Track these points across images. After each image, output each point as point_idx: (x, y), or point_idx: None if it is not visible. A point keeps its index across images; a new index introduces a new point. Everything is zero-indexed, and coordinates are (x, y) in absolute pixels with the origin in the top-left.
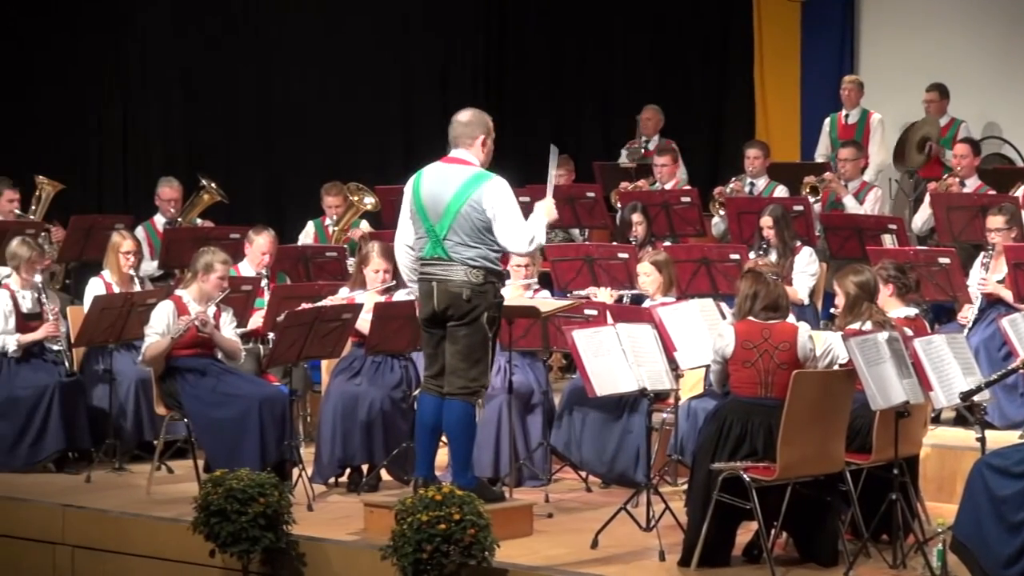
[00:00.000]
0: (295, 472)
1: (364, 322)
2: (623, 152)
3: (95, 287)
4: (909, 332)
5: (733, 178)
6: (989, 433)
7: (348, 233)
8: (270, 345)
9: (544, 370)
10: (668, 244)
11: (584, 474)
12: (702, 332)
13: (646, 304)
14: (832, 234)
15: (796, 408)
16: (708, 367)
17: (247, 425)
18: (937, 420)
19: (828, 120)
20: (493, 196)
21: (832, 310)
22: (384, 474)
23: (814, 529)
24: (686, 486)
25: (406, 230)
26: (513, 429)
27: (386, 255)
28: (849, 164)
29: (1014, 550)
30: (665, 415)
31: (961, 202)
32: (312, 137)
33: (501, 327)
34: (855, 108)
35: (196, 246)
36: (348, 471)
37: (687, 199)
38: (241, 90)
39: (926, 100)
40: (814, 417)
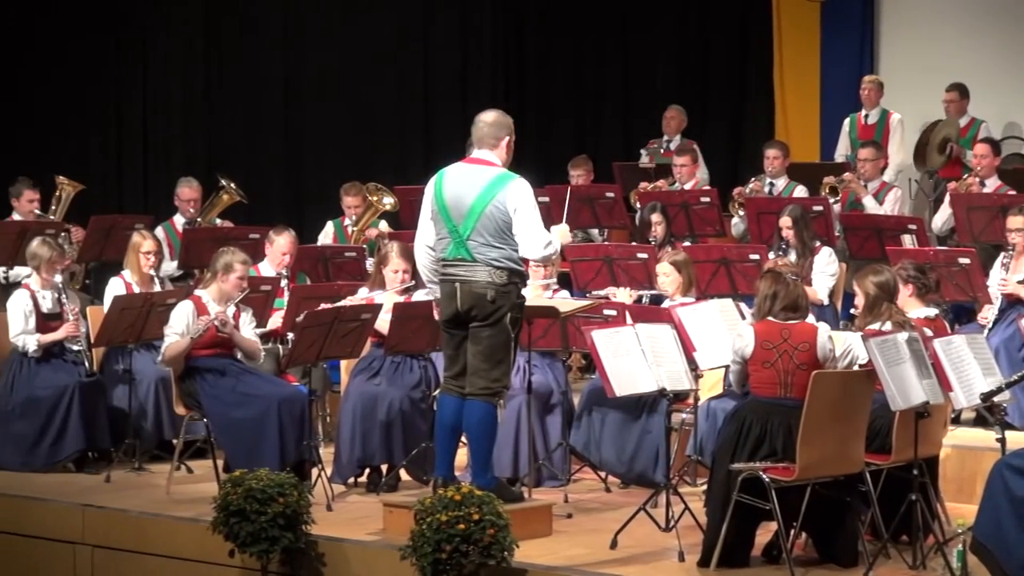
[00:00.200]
0: (314, 472)
1: (383, 322)
2: (643, 152)
3: (115, 287)
4: (929, 332)
5: (753, 178)
6: (1009, 434)
7: (366, 233)
8: (289, 345)
9: (563, 370)
10: (687, 244)
11: (603, 474)
12: (721, 332)
13: (665, 304)
14: (852, 234)
15: (816, 408)
16: (727, 367)
17: (266, 425)
18: (957, 421)
19: (848, 120)
20: (516, 196)
21: (852, 310)
22: (403, 474)
23: (834, 530)
24: (705, 486)
25: (427, 231)
26: (532, 429)
27: (405, 255)
28: (869, 164)
29: None
30: (684, 415)
31: (981, 202)
32: (331, 138)
33: (522, 328)
34: (875, 108)
35: (216, 246)
36: (367, 471)
37: (707, 199)
38: (261, 91)
39: (946, 100)
40: (834, 418)
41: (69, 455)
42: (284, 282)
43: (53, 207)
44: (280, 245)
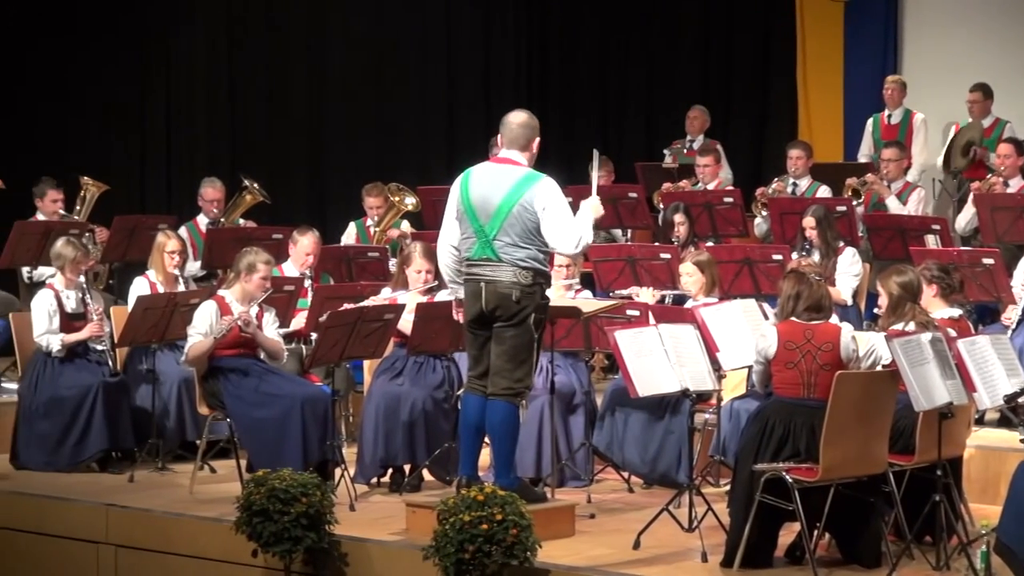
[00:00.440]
0: (337, 472)
1: (406, 322)
2: (666, 152)
3: (140, 287)
4: (953, 333)
5: (776, 178)
6: None
7: (388, 233)
8: (312, 345)
9: (586, 370)
10: (710, 244)
11: (626, 475)
12: (744, 333)
13: (688, 305)
14: (875, 235)
15: (839, 409)
16: (750, 368)
17: (289, 425)
18: (981, 421)
19: (871, 120)
20: (545, 196)
21: (875, 311)
22: (426, 474)
23: (857, 530)
24: (728, 487)
25: (451, 230)
26: (555, 429)
27: (428, 255)
28: (892, 164)
29: None
30: (707, 416)
31: (1005, 202)
32: (354, 138)
33: (545, 328)
34: (898, 108)
35: (239, 246)
36: (390, 471)
37: (730, 199)
38: (284, 91)
39: (969, 100)
40: (857, 418)
41: (92, 455)
42: (308, 282)
43: (77, 207)
44: (304, 245)
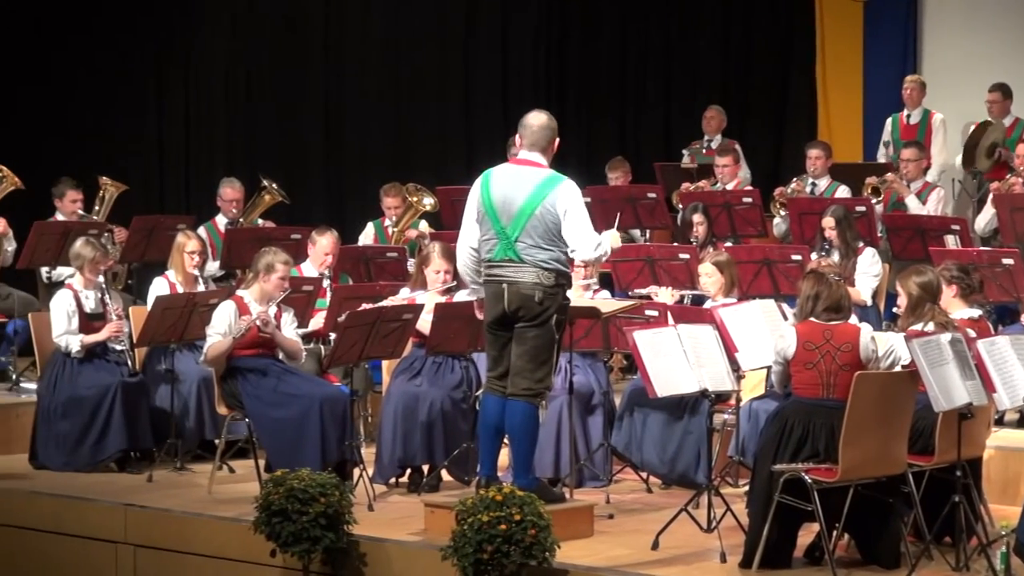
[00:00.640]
0: (356, 472)
1: (425, 322)
2: (684, 153)
3: (159, 287)
4: (972, 333)
5: (795, 179)
6: None
7: (406, 234)
8: (331, 345)
9: (605, 371)
10: (729, 245)
11: (645, 475)
12: (763, 333)
13: (707, 305)
14: (895, 235)
15: (858, 409)
16: (769, 368)
17: (308, 425)
18: (1001, 422)
19: (890, 120)
20: (567, 199)
21: (894, 311)
22: (444, 474)
23: (876, 531)
24: (747, 487)
25: (471, 232)
26: (574, 430)
27: (447, 256)
28: (912, 164)
29: None
30: (726, 416)
31: None
32: (373, 138)
33: (565, 329)
34: (917, 108)
35: (257, 246)
36: (409, 471)
37: (749, 199)
38: (303, 92)
39: (989, 100)
40: (876, 419)
41: (111, 455)
42: (326, 282)
43: (96, 207)
44: (322, 245)
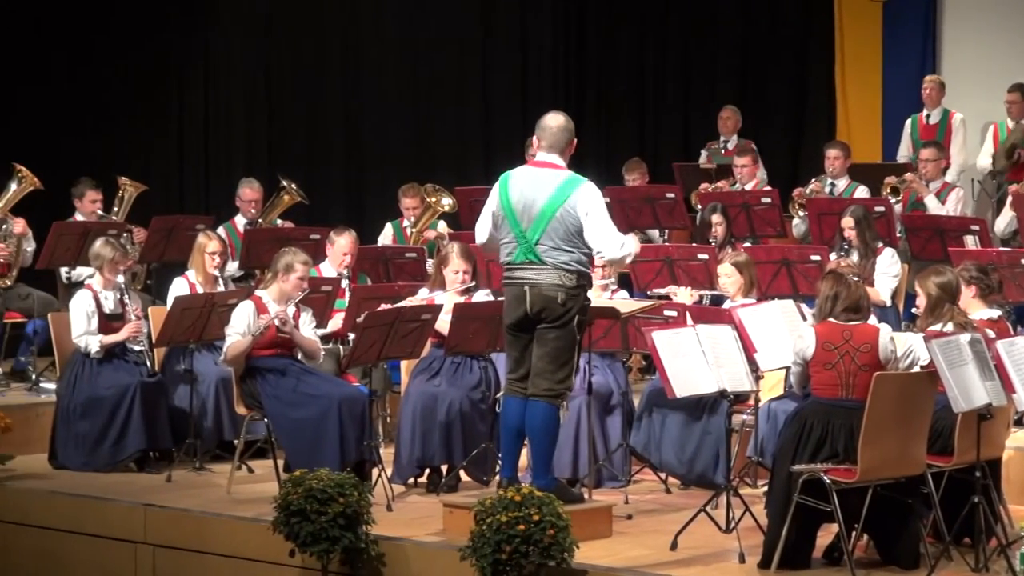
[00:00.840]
0: (374, 472)
1: (443, 323)
2: (703, 153)
3: (179, 287)
4: (991, 334)
5: (813, 179)
6: None
7: (425, 234)
8: (350, 345)
9: (623, 371)
10: (748, 245)
11: (663, 475)
12: (782, 333)
13: (726, 305)
14: (914, 235)
15: (877, 410)
16: (788, 369)
17: (327, 425)
18: (1020, 423)
19: (909, 120)
20: (588, 200)
21: (913, 311)
22: (463, 475)
23: (895, 532)
24: (766, 488)
25: (483, 230)
26: (592, 430)
27: (465, 256)
28: (931, 165)
29: None
30: (745, 417)
31: None
32: (392, 138)
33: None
34: (936, 108)
35: (276, 247)
36: (427, 471)
37: (767, 200)
38: (322, 92)
39: (1008, 101)
40: (895, 419)
41: (130, 455)
42: (345, 283)
43: (115, 208)
44: (341, 246)
